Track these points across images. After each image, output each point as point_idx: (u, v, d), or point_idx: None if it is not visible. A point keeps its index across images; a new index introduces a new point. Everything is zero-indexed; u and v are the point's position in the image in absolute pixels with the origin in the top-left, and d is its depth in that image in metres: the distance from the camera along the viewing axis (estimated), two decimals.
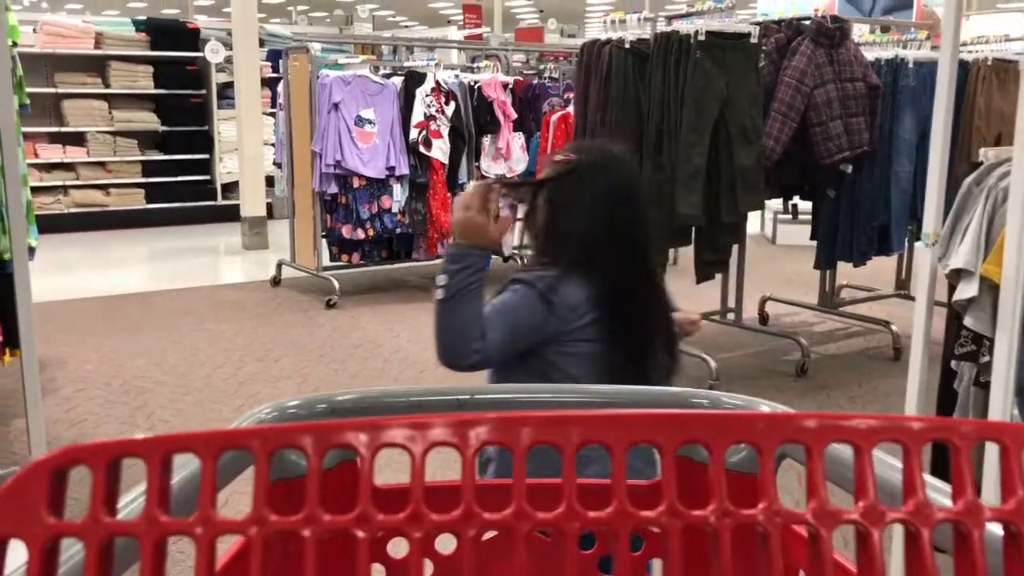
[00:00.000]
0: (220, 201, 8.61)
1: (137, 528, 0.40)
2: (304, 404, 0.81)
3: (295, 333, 4.86)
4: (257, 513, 0.41)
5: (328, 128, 5.31)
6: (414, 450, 0.42)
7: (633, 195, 1.61)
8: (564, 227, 1.54)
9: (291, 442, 0.42)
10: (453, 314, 1.47)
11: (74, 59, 7.95)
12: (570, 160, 1.54)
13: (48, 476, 0.41)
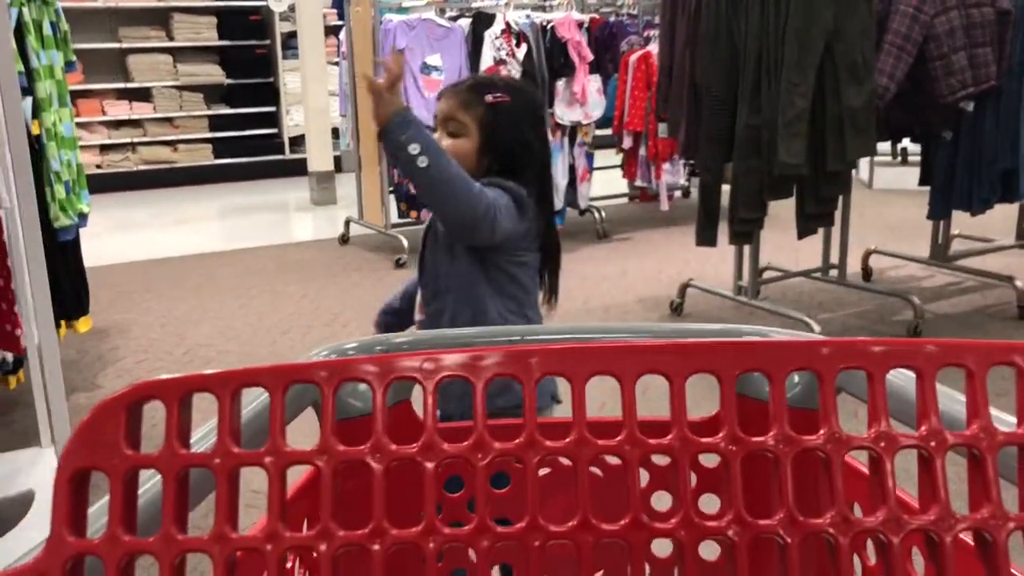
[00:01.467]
0: (288, 155, 8.45)
1: (211, 459, 0.43)
2: (361, 346, 0.81)
3: (363, 295, 4.65)
4: (325, 443, 0.42)
5: None
6: (475, 380, 0.42)
7: (542, 116, 1.85)
8: (508, 144, 1.68)
9: (356, 374, 0.43)
10: (450, 169, 1.54)
11: (137, 12, 7.81)
12: (502, 97, 1.70)
13: (124, 411, 0.44)
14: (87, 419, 0.44)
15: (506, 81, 1.80)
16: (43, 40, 3.78)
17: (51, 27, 3.89)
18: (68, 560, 0.43)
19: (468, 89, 1.70)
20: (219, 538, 0.40)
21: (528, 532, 0.38)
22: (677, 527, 0.40)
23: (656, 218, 6.06)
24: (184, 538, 0.41)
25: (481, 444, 0.41)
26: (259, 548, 0.39)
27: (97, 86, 7.75)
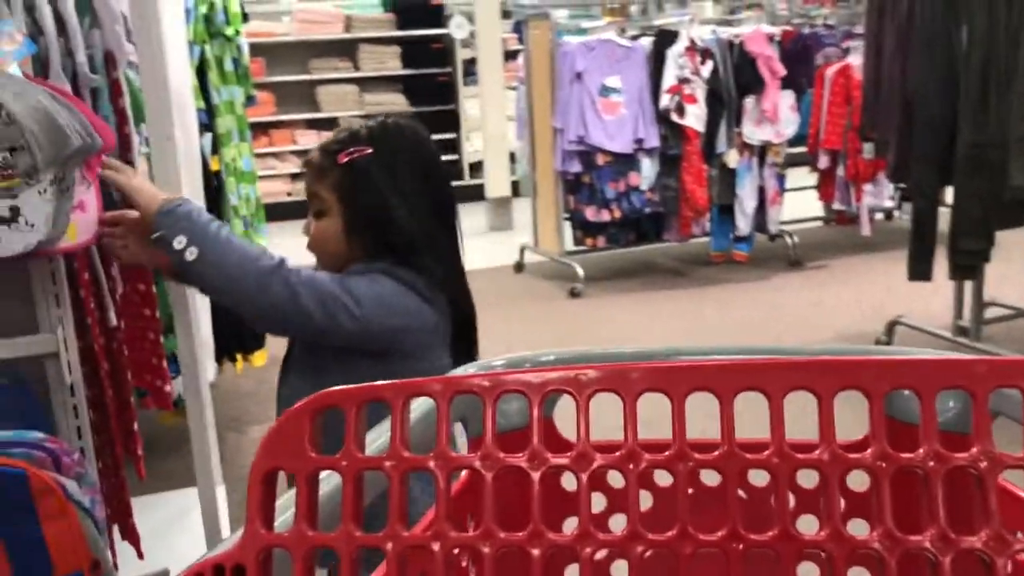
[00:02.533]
0: (467, 181, 8.78)
1: (385, 462, 0.48)
2: (508, 363, 0.85)
3: (536, 327, 4.75)
4: (488, 451, 0.46)
5: (570, 101, 5.12)
6: (625, 394, 0.45)
7: (437, 163, 1.47)
8: (369, 214, 1.38)
9: (514, 387, 0.47)
10: (227, 256, 1.28)
11: (326, 44, 8.41)
12: (361, 151, 1.38)
13: (309, 418, 0.50)
14: (276, 425, 0.51)
15: (380, 125, 1.40)
16: (224, 76, 4.15)
17: (232, 63, 4.25)
18: (260, 551, 0.50)
19: (321, 151, 1.40)
20: (392, 535, 0.46)
21: (679, 540, 0.41)
22: (827, 539, 0.41)
23: (855, 243, 5.80)
24: (361, 535, 0.47)
25: (633, 455, 0.43)
26: (427, 546, 0.44)
27: (288, 117, 8.39)
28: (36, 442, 1.31)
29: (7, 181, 1.29)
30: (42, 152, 1.29)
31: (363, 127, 1.40)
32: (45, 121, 1.30)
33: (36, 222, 1.33)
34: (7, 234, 1.31)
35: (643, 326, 4.62)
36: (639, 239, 5.63)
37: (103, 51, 1.78)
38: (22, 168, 1.29)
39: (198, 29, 3.80)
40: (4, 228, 1.31)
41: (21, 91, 1.29)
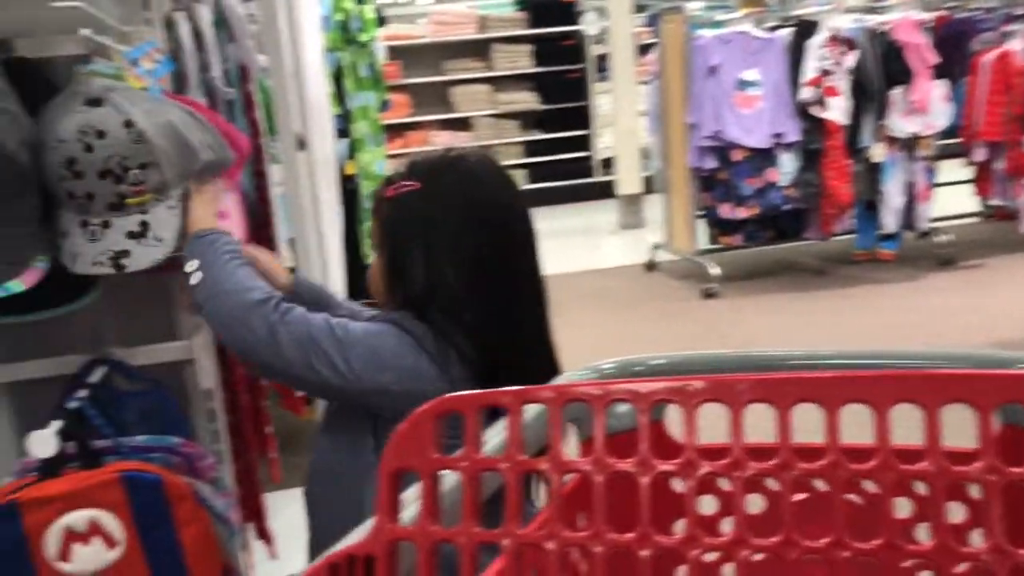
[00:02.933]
0: (598, 177, 8.78)
1: (502, 464, 0.51)
2: (619, 365, 0.85)
3: (666, 328, 4.71)
4: (599, 456, 0.49)
5: (704, 96, 5.05)
6: (732, 404, 0.47)
7: (496, 205, 1.28)
8: (393, 256, 1.26)
9: (625, 396, 0.49)
10: (222, 285, 1.22)
11: (460, 45, 8.59)
12: (408, 185, 1.25)
13: (432, 420, 0.54)
14: (403, 427, 0.56)
15: (436, 159, 1.27)
16: (359, 82, 4.31)
17: (367, 69, 4.40)
18: (388, 543, 0.54)
19: (385, 182, 1.30)
20: (509, 532, 0.49)
21: (785, 545, 0.42)
22: (933, 551, 0.41)
23: (1015, 241, 5.47)
24: (480, 530, 0.51)
25: (739, 464, 0.45)
26: (541, 544, 0.48)
27: (423, 118, 8.63)
28: (173, 447, 1.39)
29: (138, 197, 1.33)
30: (172, 168, 1.34)
31: (424, 159, 1.28)
32: (175, 138, 1.35)
33: (164, 236, 1.36)
34: (136, 248, 1.34)
35: (780, 329, 4.50)
36: (777, 237, 5.49)
37: (237, 64, 1.88)
38: (152, 184, 1.32)
39: (334, 37, 3.98)
40: (134, 243, 1.33)
41: (152, 108, 1.34)
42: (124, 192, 1.31)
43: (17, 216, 1.29)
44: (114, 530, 1.23)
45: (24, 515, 1.20)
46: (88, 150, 1.27)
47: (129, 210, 1.33)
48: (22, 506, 1.20)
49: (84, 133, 1.27)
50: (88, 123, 1.27)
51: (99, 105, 1.29)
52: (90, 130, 1.27)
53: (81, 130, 1.27)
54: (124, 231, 1.33)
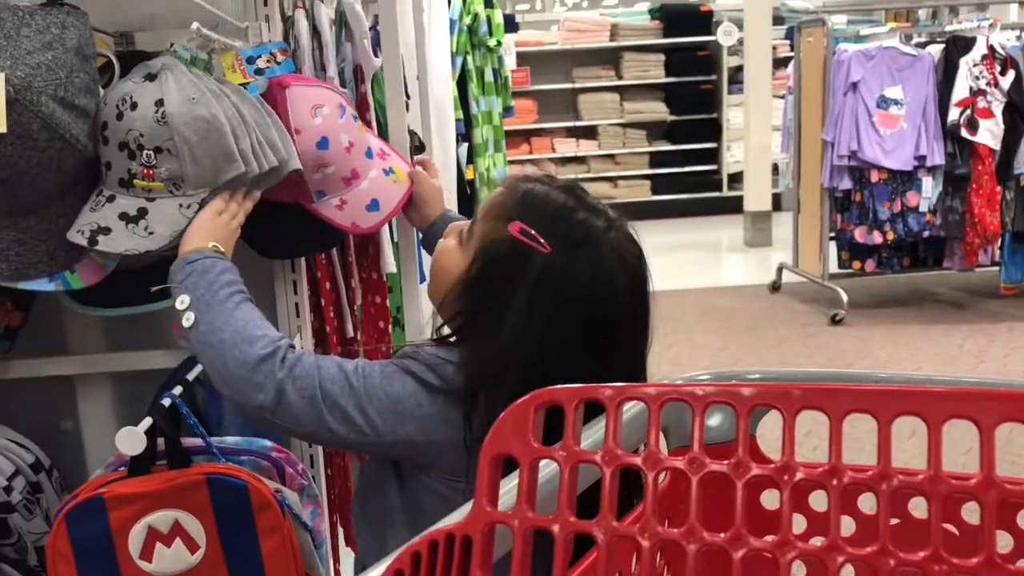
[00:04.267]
0: (725, 192, 8.67)
1: (599, 458, 0.54)
2: (714, 376, 0.86)
3: (791, 353, 4.59)
4: (696, 456, 0.50)
5: (843, 112, 4.91)
6: (833, 415, 0.47)
7: (622, 313, 1.13)
8: (494, 317, 1.08)
9: (726, 399, 0.50)
10: (220, 334, 1.11)
11: (591, 53, 8.62)
12: (539, 245, 1.08)
13: (532, 411, 0.57)
14: (505, 414, 0.58)
15: (583, 229, 1.11)
16: (484, 87, 4.37)
17: (493, 74, 4.46)
18: (486, 525, 0.57)
19: (511, 199, 1.15)
20: (604, 524, 0.51)
21: (879, 556, 0.42)
22: None
23: None
24: (576, 520, 0.53)
25: (836, 471, 0.46)
26: (634, 536, 0.49)
27: (549, 124, 8.70)
28: (263, 451, 1.38)
29: (146, 181, 1.26)
30: (195, 165, 1.26)
31: (564, 219, 1.11)
32: (210, 135, 1.26)
33: (158, 231, 1.27)
34: (120, 231, 1.26)
35: (911, 363, 4.33)
36: (914, 264, 5.28)
37: (353, 64, 1.92)
38: (165, 172, 1.25)
39: (461, 40, 4.06)
40: (121, 224, 1.26)
41: (198, 98, 1.26)
42: (134, 171, 1.25)
43: (78, 203, 1.29)
44: (196, 533, 1.22)
45: (109, 511, 1.20)
46: (119, 118, 1.24)
47: (135, 191, 1.26)
48: (108, 501, 1.21)
49: (123, 102, 1.24)
50: (130, 93, 1.25)
51: (152, 80, 1.26)
52: (128, 99, 1.24)
53: (121, 98, 1.25)
54: (119, 210, 1.27)
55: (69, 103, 1.19)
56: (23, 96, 1.14)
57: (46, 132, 1.17)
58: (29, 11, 1.20)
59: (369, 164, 1.56)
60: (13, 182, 1.18)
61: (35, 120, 1.15)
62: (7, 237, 1.24)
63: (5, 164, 1.16)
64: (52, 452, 1.61)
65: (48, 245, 1.27)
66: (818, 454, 0.71)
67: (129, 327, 1.63)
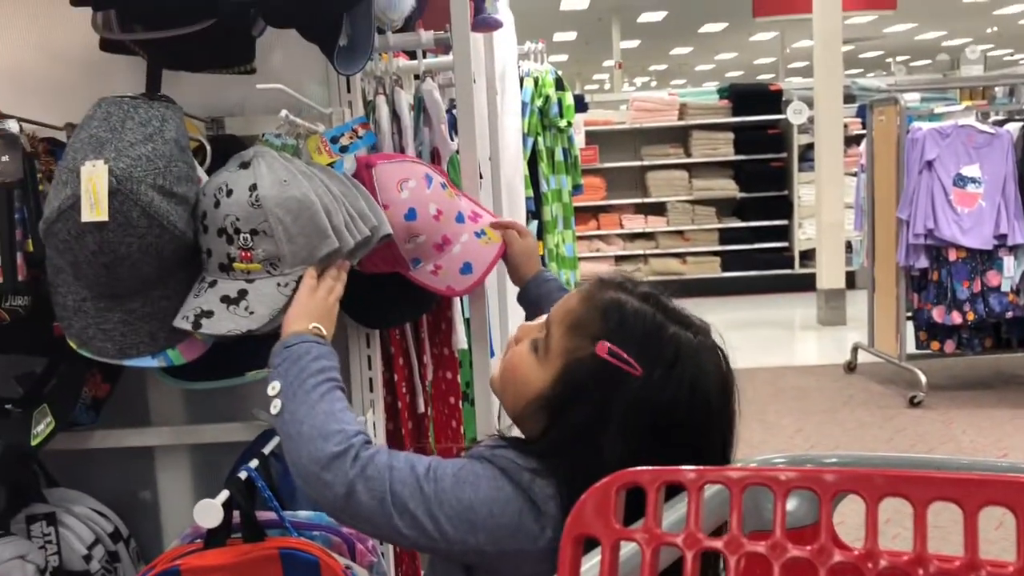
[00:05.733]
0: (797, 269, 8.58)
1: (681, 540, 0.54)
2: (790, 460, 0.86)
3: (868, 437, 4.47)
4: (777, 541, 0.51)
5: (919, 191, 4.86)
6: (917, 502, 0.48)
7: (708, 423, 1.07)
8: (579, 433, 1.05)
9: (809, 485, 0.51)
10: (300, 426, 1.10)
11: (659, 131, 8.72)
12: (625, 360, 1.05)
13: (614, 492, 0.58)
14: (587, 495, 0.59)
15: (673, 344, 1.08)
16: (554, 166, 4.46)
17: (563, 153, 4.55)
18: None
19: (603, 313, 1.10)
20: None
21: None
22: None
23: None
24: None
25: (921, 560, 0.46)
26: None
27: (617, 201, 8.78)
28: (335, 527, 1.40)
29: (245, 264, 1.30)
30: (291, 244, 1.29)
31: (667, 332, 1.09)
32: (302, 215, 1.29)
33: (258, 311, 1.30)
34: (222, 313, 1.30)
35: (996, 448, 4.17)
36: (996, 346, 5.13)
37: (431, 148, 1.99)
38: (262, 253, 1.29)
39: (533, 121, 4.17)
40: (223, 307, 1.31)
41: (289, 180, 1.30)
42: (233, 255, 1.30)
43: (180, 288, 1.35)
44: None
45: None
46: (216, 206, 1.30)
47: (235, 275, 1.31)
48: (184, 574, 1.23)
49: (220, 190, 1.30)
50: (226, 181, 1.31)
51: (245, 167, 1.32)
52: (224, 187, 1.30)
53: (218, 187, 1.31)
54: (221, 293, 1.32)
55: (168, 191, 1.27)
56: (124, 186, 1.22)
57: (145, 219, 1.24)
58: (133, 104, 1.28)
59: (460, 229, 1.61)
60: (115, 267, 1.25)
61: (135, 208, 1.23)
62: (112, 318, 1.31)
63: (108, 250, 1.23)
64: (130, 522, 1.65)
65: (151, 326, 1.33)
66: (899, 542, 0.69)
67: (208, 400, 1.68)
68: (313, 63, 1.61)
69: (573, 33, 15.48)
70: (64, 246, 1.25)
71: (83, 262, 1.25)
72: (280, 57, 1.60)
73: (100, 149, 1.23)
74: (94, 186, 1.20)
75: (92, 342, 1.32)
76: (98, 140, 1.24)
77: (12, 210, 1.32)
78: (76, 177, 1.22)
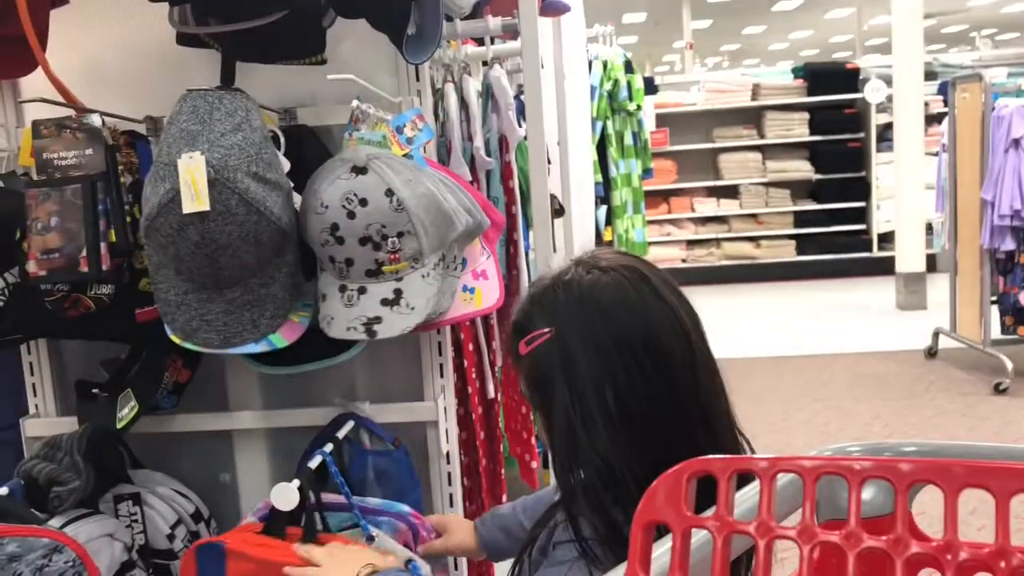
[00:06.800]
0: (875, 253, 8.37)
1: (753, 529, 0.54)
2: (865, 448, 0.84)
3: (950, 424, 4.35)
4: (851, 531, 0.50)
5: (1004, 171, 4.69)
6: (999, 494, 0.46)
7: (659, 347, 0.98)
8: (565, 447, 0.99)
9: (885, 475, 0.51)
10: None
11: (731, 113, 8.58)
12: (542, 334, 1.00)
13: (685, 480, 0.58)
14: (657, 482, 0.60)
15: (567, 292, 1.03)
16: (624, 150, 4.42)
17: (632, 137, 4.51)
18: None
19: (513, 326, 1.08)
20: None
21: None
22: None
23: None
24: None
25: (1004, 552, 0.45)
26: None
27: (689, 184, 8.68)
28: (402, 514, 1.44)
29: (394, 265, 1.35)
30: (428, 237, 1.36)
31: (547, 294, 1.04)
32: (432, 206, 1.37)
33: (417, 305, 1.37)
34: (389, 315, 1.36)
35: None
36: None
37: (499, 135, 1.99)
38: (408, 253, 1.35)
39: (601, 106, 4.14)
40: (387, 310, 1.36)
41: (412, 177, 1.37)
42: (381, 259, 1.35)
43: (277, 274, 1.38)
44: None
45: (228, 560, 1.29)
46: (351, 216, 1.33)
47: (385, 277, 1.37)
48: (228, 552, 1.29)
49: (349, 200, 1.33)
50: (352, 190, 1.33)
51: (363, 173, 1.34)
52: (354, 198, 1.33)
53: (346, 197, 1.33)
54: (379, 298, 1.36)
55: (262, 178, 1.30)
56: (222, 175, 1.25)
57: (244, 207, 1.27)
58: (216, 95, 1.32)
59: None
60: (217, 256, 1.29)
61: (233, 196, 1.26)
62: (215, 309, 1.36)
63: (209, 240, 1.27)
64: (210, 502, 1.70)
65: (252, 314, 1.38)
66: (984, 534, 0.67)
67: (284, 385, 1.72)
68: (382, 53, 1.62)
69: (643, 14, 15.30)
70: (167, 240, 1.29)
71: (185, 255, 1.29)
72: (350, 47, 1.61)
73: (193, 142, 1.26)
74: (193, 178, 1.24)
75: (197, 334, 1.37)
76: (190, 133, 1.28)
77: (96, 202, 1.36)
78: (174, 171, 1.25)
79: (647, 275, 1.03)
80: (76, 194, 1.35)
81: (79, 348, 1.74)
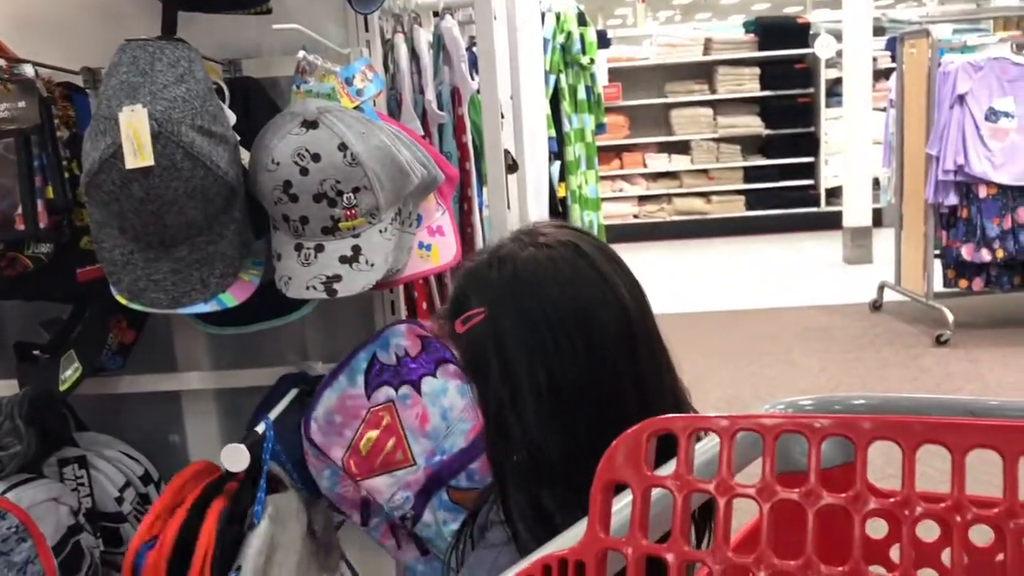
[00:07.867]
0: (822, 208, 8.48)
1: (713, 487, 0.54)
2: (817, 403, 0.85)
3: (893, 376, 4.45)
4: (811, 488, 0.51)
5: (949, 126, 4.76)
6: (905, 443, 0.47)
7: (592, 320, 0.94)
8: (496, 428, 0.97)
9: (845, 432, 0.51)
10: None
11: (683, 67, 8.57)
12: (475, 314, 0.98)
13: (647, 438, 0.58)
14: (616, 442, 0.59)
15: (509, 261, 0.98)
16: (577, 104, 4.38)
17: (585, 91, 4.47)
18: (599, 551, 0.58)
19: (450, 302, 1.05)
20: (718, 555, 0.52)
21: None
22: None
23: None
24: (689, 550, 0.53)
25: (959, 506, 0.46)
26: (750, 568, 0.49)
27: (640, 140, 8.68)
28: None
29: (350, 221, 1.32)
30: (384, 191, 1.33)
31: (480, 272, 1.00)
32: (387, 160, 1.34)
33: (376, 261, 1.34)
34: (349, 273, 1.33)
35: (1021, 387, 4.15)
36: None
37: (451, 88, 1.95)
38: (365, 208, 1.32)
39: (555, 59, 4.09)
40: (346, 267, 1.33)
41: (364, 130, 1.33)
42: (337, 216, 1.32)
43: (225, 231, 1.35)
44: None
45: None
46: (304, 173, 1.29)
47: (342, 234, 1.34)
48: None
49: (301, 156, 1.29)
50: (304, 146, 1.29)
51: (315, 127, 1.30)
52: (306, 153, 1.29)
53: (298, 153, 1.29)
54: (337, 255, 1.32)
55: (207, 131, 1.26)
56: (165, 128, 1.21)
57: (189, 161, 1.23)
58: (157, 46, 1.26)
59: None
60: (163, 213, 1.25)
61: (178, 150, 1.22)
62: (162, 268, 1.31)
63: (154, 196, 1.23)
64: (159, 464, 1.68)
65: (201, 273, 1.34)
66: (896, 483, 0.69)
67: (233, 345, 1.70)
68: (330, 2, 1.58)
69: None
70: (109, 197, 1.24)
71: (129, 211, 1.25)
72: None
73: (134, 94, 1.22)
74: (135, 131, 1.19)
75: (144, 294, 1.33)
76: (130, 85, 1.23)
77: (31, 156, 1.31)
78: (115, 125, 1.20)
79: (585, 250, 0.99)
80: (9, 148, 1.30)
81: (17, 308, 1.69)
